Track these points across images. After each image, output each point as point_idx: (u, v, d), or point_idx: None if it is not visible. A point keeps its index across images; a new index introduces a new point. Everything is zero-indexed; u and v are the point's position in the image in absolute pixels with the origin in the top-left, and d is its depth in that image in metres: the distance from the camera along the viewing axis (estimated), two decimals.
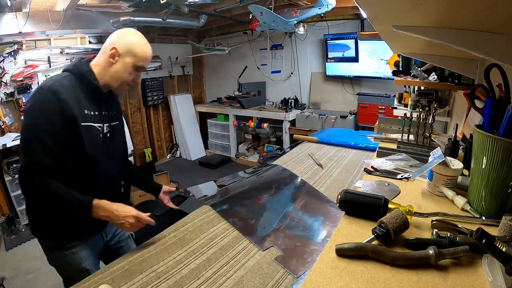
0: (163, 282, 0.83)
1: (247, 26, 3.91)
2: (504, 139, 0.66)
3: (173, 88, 5.33)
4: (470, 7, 0.53)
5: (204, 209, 1.26)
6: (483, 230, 0.54)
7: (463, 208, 0.80)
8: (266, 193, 1.44)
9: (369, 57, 3.78)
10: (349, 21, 3.89)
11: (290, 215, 1.20)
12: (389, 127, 1.58)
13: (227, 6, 3.43)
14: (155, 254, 0.96)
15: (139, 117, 4.92)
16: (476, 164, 0.76)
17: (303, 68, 4.55)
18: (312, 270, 0.61)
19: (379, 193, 0.84)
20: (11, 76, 3.24)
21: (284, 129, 4.34)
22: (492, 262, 0.56)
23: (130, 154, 4.13)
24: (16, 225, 3.22)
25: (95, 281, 0.84)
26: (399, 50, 1.85)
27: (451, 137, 1.15)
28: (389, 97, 3.66)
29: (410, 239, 0.66)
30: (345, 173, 1.57)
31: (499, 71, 0.70)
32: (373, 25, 1.03)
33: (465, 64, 1.46)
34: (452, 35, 0.68)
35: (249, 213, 1.23)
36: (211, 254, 0.95)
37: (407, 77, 2.07)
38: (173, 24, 3.66)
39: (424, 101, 2.14)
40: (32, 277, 2.46)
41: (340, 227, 0.75)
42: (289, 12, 3.26)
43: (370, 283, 0.56)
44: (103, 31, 3.49)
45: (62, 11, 2.84)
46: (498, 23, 0.57)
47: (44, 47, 3.55)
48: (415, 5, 0.57)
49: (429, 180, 0.93)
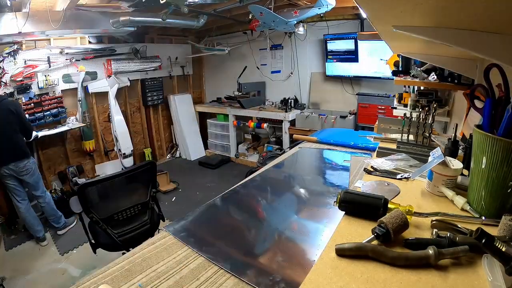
0: (163, 282, 0.83)
1: (247, 26, 3.91)
2: (504, 139, 0.67)
3: (173, 88, 5.33)
4: (469, 7, 0.53)
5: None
6: (482, 230, 0.54)
7: (463, 208, 0.80)
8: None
9: (369, 57, 3.78)
10: (349, 21, 3.89)
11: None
12: (389, 127, 1.58)
13: (227, 6, 3.43)
14: (155, 254, 0.96)
15: (138, 117, 4.92)
16: (476, 164, 0.76)
17: (303, 68, 4.55)
18: (312, 270, 0.61)
19: (379, 193, 0.84)
20: (10, 76, 3.24)
21: (284, 129, 4.34)
22: (492, 262, 0.56)
23: (130, 154, 4.14)
24: (16, 225, 3.22)
25: (95, 281, 0.84)
26: (399, 50, 1.85)
27: (450, 137, 1.15)
28: (388, 97, 3.66)
29: (410, 239, 0.66)
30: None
31: (499, 71, 0.70)
32: (372, 25, 1.03)
33: (465, 64, 1.46)
34: (452, 35, 0.68)
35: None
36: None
37: (406, 77, 2.07)
38: (173, 24, 3.66)
39: (424, 101, 2.14)
40: (32, 277, 2.46)
41: (340, 227, 0.75)
42: (289, 12, 3.26)
43: (370, 283, 0.56)
44: (102, 31, 3.49)
45: (62, 11, 2.84)
46: (498, 23, 0.57)
47: (44, 47, 3.55)
48: (415, 5, 0.57)
49: (428, 180, 0.93)
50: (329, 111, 4.28)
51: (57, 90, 3.71)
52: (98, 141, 4.29)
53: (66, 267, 2.58)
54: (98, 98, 4.24)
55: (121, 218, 1.78)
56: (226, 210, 1.36)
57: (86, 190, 1.67)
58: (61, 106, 3.71)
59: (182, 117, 5.12)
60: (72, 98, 3.92)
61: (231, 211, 1.36)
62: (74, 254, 2.75)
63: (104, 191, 1.77)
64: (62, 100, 3.72)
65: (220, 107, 5.10)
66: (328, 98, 4.44)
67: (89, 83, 4.02)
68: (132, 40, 4.33)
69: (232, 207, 1.38)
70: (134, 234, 1.84)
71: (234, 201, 1.40)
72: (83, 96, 3.91)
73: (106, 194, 1.79)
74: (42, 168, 3.74)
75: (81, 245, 2.80)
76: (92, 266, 2.46)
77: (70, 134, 3.98)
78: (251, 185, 1.54)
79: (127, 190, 1.84)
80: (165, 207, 3.59)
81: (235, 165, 4.90)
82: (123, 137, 4.10)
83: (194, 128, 5.32)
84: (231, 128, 4.88)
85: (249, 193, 1.48)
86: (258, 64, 4.93)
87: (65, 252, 2.76)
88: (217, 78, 5.67)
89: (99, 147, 4.33)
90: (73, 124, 3.74)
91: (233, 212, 1.36)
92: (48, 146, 3.81)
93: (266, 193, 1.53)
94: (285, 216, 1.24)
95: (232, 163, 4.98)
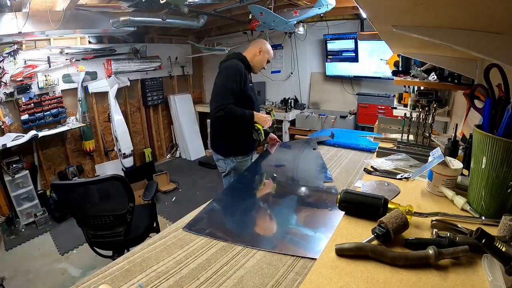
0: (163, 282, 0.83)
1: (247, 26, 3.90)
2: (504, 139, 0.67)
3: (173, 88, 5.33)
4: (470, 7, 0.53)
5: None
6: (482, 230, 0.54)
7: (463, 208, 0.80)
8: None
9: (369, 57, 3.78)
10: (348, 21, 3.89)
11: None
12: (389, 127, 1.58)
13: (227, 6, 3.43)
14: (155, 254, 0.96)
15: (138, 117, 4.92)
16: (476, 164, 0.76)
17: (303, 68, 4.55)
18: (312, 270, 0.61)
19: (379, 193, 0.84)
20: (10, 76, 3.24)
21: (284, 129, 4.34)
22: (492, 262, 0.56)
23: (130, 154, 4.14)
24: (16, 225, 3.22)
25: (95, 281, 0.84)
26: (399, 50, 1.85)
27: (450, 137, 1.15)
28: (388, 97, 3.67)
29: (410, 239, 0.66)
30: (344, 173, 1.57)
31: (499, 71, 0.70)
32: (372, 25, 1.02)
33: (465, 64, 1.46)
34: (452, 35, 0.68)
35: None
36: (211, 254, 0.95)
37: (406, 77, 2.07)
38: (173, 24, 3.66)
39: (424, 101, 2.14)
40: (32, 277, 2.46)
41: (340, 227, 0.75)
42: (289, 12, 3.25)
43: (370, 283, 0.56)
44: (102, 31, 3.48)
45: (62, 11, 2.84)
46: (498, 23, 0.57)
47: (44, 47, 3.55)
48: (415, 5, 0.57)
49: (428, 180, 0.94)
50: (329, 111, 4.28)
51: (57, 90, 3.70)
52: (98, 141, 4.29)
53: (66, 267, 2.58)
54: (98, 98, 4.24)
55: (93, 223, 1.81)
56: (231, 203, 1.39)
57: (57, 189, 1.76)
58: (61, 106, 3.71)
59: (182, 117, 5.12)
60: (72, 98, 3.92)
61: (238, 203, 1.38)
62: (74, 254, 2.75)
63: (72, 195, 1.78)
64: (62, 100, 3.72)
65: None
66: (328, 98, 4.44)
67: (89, 83, 4.02)
68: (132, 40, 4.33)
69: (237, 199, 1.42)
70: (105, 240, 1.87)
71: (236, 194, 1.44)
72: (83, 96, 3.91)
73: (75, 198, 1.79)
74: (42, 168, 3.74)
75: (81, 245, 2.80)
76: (92, 266, 2.46)
77: (70, 134, 3.98)
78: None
79: (97, 198, 1.83)
80: (165, 207, 3.60)
81: None
82: (123, 137, 4.11)
83: (194, 128, 5.32)
84: None
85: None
86: None
87: (65, 252, 2.76)
88: None
89: (99, 147, 4.33)
90: (73, 124, 3.74)
91: (239, 201, 1.39)
92: (48, 146, 3.81)
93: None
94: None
95: None
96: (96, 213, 1.80)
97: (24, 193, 3.27)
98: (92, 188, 1.78)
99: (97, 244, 1.92)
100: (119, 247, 1.90)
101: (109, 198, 1.84)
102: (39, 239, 3.01)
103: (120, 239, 1.84)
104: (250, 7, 3.03)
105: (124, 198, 1.76)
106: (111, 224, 1.82)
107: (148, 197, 2.03)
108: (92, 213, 1.80)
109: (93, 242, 1.90)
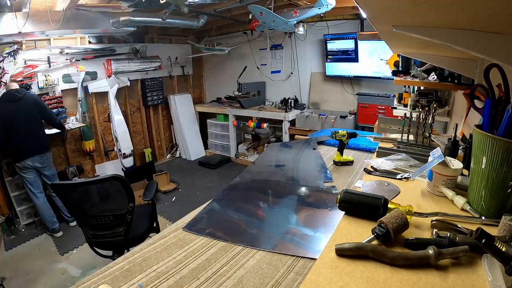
0: (163, 282, 0.83)
1: (247, 26, 3.90)
2: (504, 139, 0.67)
3: (173, 88, 5.33)
4: (470, 7, 0.53)
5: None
6: (482, 230, 0.54)
7: (463, 208, 0.80)
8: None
9: (369, 57, 3.78)
10: (348, 21, 3.89)
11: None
12: (389, 127, 1.58)
13: (227, 6, 3.43)
14: (155, 254, 0.96)
15: (138, 117, 4.92)
16: (476, 164, 0.76)
17: (303, 68, 4.55)
18: (312, 270, 0.61)
19: (379, 193, 0.84)
20: (10, 76, 3.23)
21: (284, 129, 4.34)
22: (492, 262, 0.56)
23: (130, 154, 4.14)
24: (16, 225, 3.22)
25: (95, 281, 0.84)
26: (399, 50, 1.85)
27: (450, 137, 1.15)
28: (388, 97, 3.66)
29: (410, 239, 0.66)
30: (344, 173, 1.57)
31: (499, 71, 0.70)
32: (372, 25, 1.03)
33: (465, 64, 1.46)
34: (452, 35, 0.68)
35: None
36: (211, 254, 0.95)
37: (406, 77, 2.07)
38: (173, 24, 3.66)
39: (424, 101, 2.14)
40: (32, 277, 2.46)
41: (340, 227, 0.75)
42: (289, 12, 3.26)
43: (370, 283, 0.56)
44: (102, 31, 3.49)
45: (62, 11, 2.84)
46: (498, 23, 0.57)
47: (44, 47, 3.55)
48: (415, 5, 0.57)
49: (428, 180, 0.94)
50: (329, 111, 4.28)
51: (57, 90, 3.70)
52: (98, 141, 4.29)
53: (66, 267, 2.58)
54: (98, 98, 4.24)
55: (93, 223, 1.81)
56: (232, 204, 1.38)
57: (57, 189, 1.75)
58: (61, 106, 3.71)
59: (182, 117, 5.12)
60: (72, 98, 3.92)
61: (237, 205, 1.37)
62: (74, 254, 2.74)
63: (72, 195, 1.78)
64: (62, 100, 3.72)
65: (220, 107, 5.10)
66: (328, 98, 4.44)
67: (89, 83, 4.02)
68: (132, 40, 4.33)
69: (236, 201, 1.41)
70: (105, 240, 1.87)
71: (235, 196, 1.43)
72: (83, 96, 3.91)
73: (75, 198, 1.79)
74: None
75: (81, 245, 2.80)
76: (92, 266, 2.46)
77: (70, 134, 3.98)
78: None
79: (97, 198, 1.83)
80: (165, 207, 3.60)
81: (235, 165, 4.90)
82: (123, 137, 4.11)
83: (194, 128, 5.32)
84: (231, 128, 4.88)
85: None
86: (258, 64, 4.93)
87: (65, 252, 2.76)
88: (217, 78, 5.67)
89: (99, 147, 4.33)
90: (73, 124, 3.74)
91: (238, 206, 1.37)
92: None
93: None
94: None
95: (232, 163, 4.97)
96: (96, 213, 1.80)
97: (24, 193, 3.27)
98: (92, 188, 1.77)
99: (97, 244, 1.92)
100: (119, 247, 1.90)
101: (109, 198, 1.83)
102: (39, 239, 3.01)
103: (120, 239, 1.84)
104: (250, 7, 3.03)
105: (124, 198, 1.76)
106: (111, 224, 1.82)
107: (148, 197, 2.03)
108: (92, 213, 1.80)
109: (93, 242, 1.91)
